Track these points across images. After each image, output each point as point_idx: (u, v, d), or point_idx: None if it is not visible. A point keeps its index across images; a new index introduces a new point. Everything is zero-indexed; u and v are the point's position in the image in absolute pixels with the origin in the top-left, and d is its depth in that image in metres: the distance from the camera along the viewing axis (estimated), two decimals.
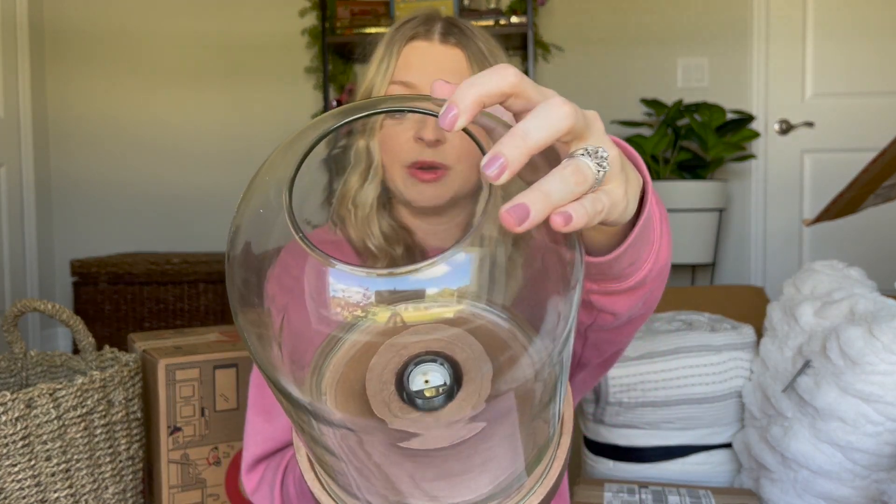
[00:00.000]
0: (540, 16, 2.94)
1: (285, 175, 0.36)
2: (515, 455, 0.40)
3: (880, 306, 1.19)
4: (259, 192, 0.37)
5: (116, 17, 3.10)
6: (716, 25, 2.89)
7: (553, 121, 0.33)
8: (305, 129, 0.39)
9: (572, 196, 0.33)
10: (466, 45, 0.76)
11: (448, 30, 0.77)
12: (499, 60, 0.78)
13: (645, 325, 1.48)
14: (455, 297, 0.33)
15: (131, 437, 1.15)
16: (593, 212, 0.34)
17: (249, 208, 0.37)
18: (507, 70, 0.35)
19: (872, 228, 2.66)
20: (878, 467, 1.10)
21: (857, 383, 1.09)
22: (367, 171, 0.74)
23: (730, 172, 2.89)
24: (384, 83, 0.76)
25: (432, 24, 0.77)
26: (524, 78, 0.35)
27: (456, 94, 0.34)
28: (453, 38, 0.76)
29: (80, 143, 3.11)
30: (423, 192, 0.77)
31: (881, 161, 1.33)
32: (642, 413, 1.35)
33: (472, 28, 0.79)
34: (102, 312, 2.51)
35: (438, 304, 0.33)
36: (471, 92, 0.34)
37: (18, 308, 1.20)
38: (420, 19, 0.78)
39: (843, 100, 2.84)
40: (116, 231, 3.11)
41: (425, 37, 0.76)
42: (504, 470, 0.40)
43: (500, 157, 0.32)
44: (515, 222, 0.31)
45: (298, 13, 3.03)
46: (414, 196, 0.77)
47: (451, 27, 0.77)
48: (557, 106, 0.34)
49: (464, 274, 0.33)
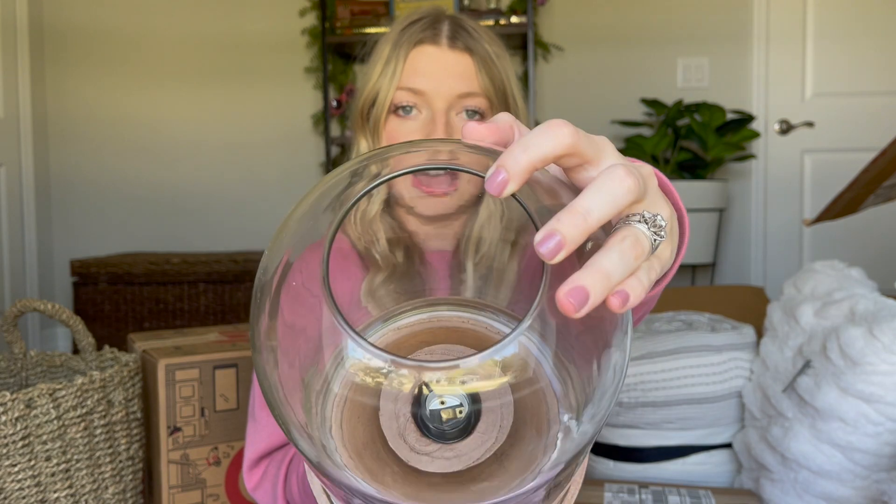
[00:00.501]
0: (540, 15, 2.94)
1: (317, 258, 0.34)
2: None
3: (881, 306, 1.19)
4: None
5: (116, 17, 3.10)
6: (716, 25, 2.89)
7: (618, 197, 0.31)
8: (330, 185, 0.36)
9: (629, 272, 0.31)
10: (474, 48, 0.76)
11: (455, 33, 0.76)
12: (503, 63, 0.78)
13: (645, 326, 1.48)
14: (498, 369, 0.31)
15: (131, 437, 1.15)
16: (648, 284, 0.32)
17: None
18: (561, 129, 0.32)
19: (873, 228, 2.66)
20: (879, 467, 1.10)
21: (857, 383, 1.09)
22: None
23: (730, 172, 2.89)
24: (391, 88, 0.75)
25: (439, 25, 0.76)
26: (579, 135, 0.32)
27: (506, 157, 0.30)
28: (461, 42, 0.76)
29: (79, 143, 3.11)
30: (431, 205, 0.76)
31: (881, 161, 1.33)
32: (642, 413, 1.35)
33: (477, 28, 0.78)
34: (102, 312, 2.50)
35: (477, 376, 0.31)
36: (524, 157, 0.30)
37: (18, 308, 1.20)
38: (426, 21, 0.77)
39: (843, 100, 2.84)
40: (116, 231, 3.11)
41: (433, 41, 0.75)
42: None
43: (556, 234, 0.29)
44: (574, 308, 0.28)
45: (298, 13, 3.03)
46: (421, 209, 0.77)
47: (459, 29, 0.77)
48: (620, 179, 0.31)
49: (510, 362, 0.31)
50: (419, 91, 0.75)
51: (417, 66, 0.75)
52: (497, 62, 0.77)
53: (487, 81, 0.75)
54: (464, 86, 0.75)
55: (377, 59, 0.78)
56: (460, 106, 0.75)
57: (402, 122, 0.75)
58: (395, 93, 0.75)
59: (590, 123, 2.96)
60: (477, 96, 0.75)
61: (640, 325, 1.50)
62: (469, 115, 0.76)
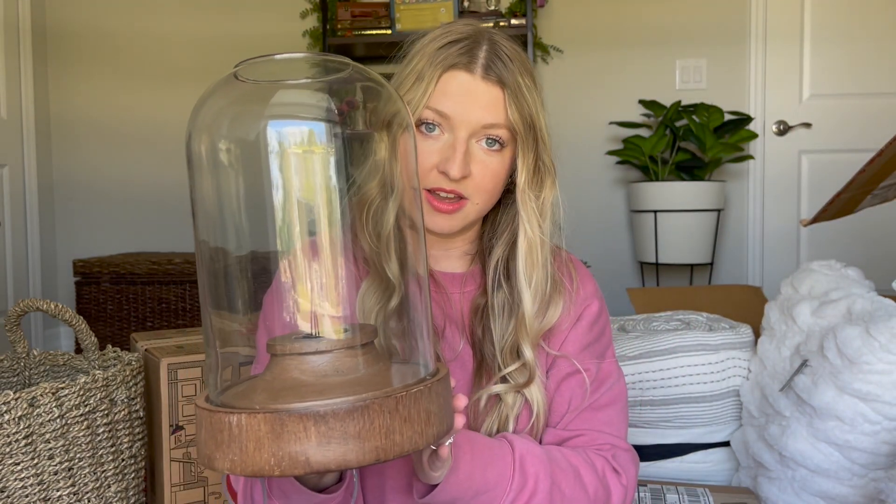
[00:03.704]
0: (539, 17, 2.95)
1: None
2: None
3: (878, 306, 1.19)
4: None
5: (118, 18, 3.11)
6: (714, 27, 2.90)
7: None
8: None
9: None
10: (507, 80, 0.75)
11: (491, 62, 0.76)
12: (534, 95, 0.77)
13: (643, 325, 1.49)
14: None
15: (133, 435, 1.15)
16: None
17: None
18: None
19: (870, 228, 2.67)
20: (876, 466, 1.11)
21: (854, 382, 1.10)
22: (385, 185, 0.73)
23: (728, 173, 2.90)
24: (420, 105, 0.75)
25: (476, 51, 0.76)
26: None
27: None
28: (494, 75, 0.75)
29: (82, 144, 3.11)
30: (438, 222, 0.77)
31: (878, 161, 1.34)
32: (640, 412, 1.36)
33: (513, 57, 0.77)
34: (105, 312, 2.51)
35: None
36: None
37: (21, 308, 1.21)
38: (465, 45, 0.76)
39: (840, 101, 2.85)
40: (118, 231, 3.12)
41: (467, 68, 0.75)
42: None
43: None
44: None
45: (299, 15, 3.04)
46: (428, 225, 0.77)
47: (495, 59, 0.76)
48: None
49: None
50: (445, 115, 0.75)
51: (448, 90, 0.75)
52: (528, 94, 0.77)
53: (516, 114, 0.75)
54: (490, 117, 0.75)
55: (411, 70, 0.77)
56: (483, 134, 0.76)
57: (424, 139, 0.75)
58: (422, 110, 0.75)
59: (588, 125, 2.97)
60: (501, 128, 0.76)
61: (639, 324, 1.50)
62: (489, 144, 0.76)
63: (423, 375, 0.55)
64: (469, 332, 0.81)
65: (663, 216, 2.59)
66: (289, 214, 0.52)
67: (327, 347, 0.51)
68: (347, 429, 0.46)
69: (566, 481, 0.73)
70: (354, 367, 0.51)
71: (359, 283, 0.77)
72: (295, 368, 0.51)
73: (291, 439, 0.46)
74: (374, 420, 0.47)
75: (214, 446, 0.48)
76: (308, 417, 0.46)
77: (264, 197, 0.53)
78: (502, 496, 0.70)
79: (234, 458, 0.47)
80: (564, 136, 2.95)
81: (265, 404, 0.48)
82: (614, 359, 0.86)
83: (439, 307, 0.82)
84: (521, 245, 0.79)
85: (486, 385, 0.78)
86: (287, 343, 0.51)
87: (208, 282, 0.56)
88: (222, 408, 0.49)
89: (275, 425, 0.46)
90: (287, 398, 0.48)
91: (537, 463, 0.72)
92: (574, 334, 0.82)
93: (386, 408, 0.47)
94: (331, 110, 0.54)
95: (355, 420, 0.46)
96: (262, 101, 0.55)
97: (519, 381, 0.78)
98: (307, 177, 0.54)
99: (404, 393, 0.48)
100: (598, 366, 0.83)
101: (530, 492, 0.70)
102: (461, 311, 0.82)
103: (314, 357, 0.51)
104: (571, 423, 0.81)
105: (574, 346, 0.82)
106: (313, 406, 0.46)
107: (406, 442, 0.48)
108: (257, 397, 0.50)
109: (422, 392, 0.50)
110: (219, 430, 0.48)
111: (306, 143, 0.53)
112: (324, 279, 0.54)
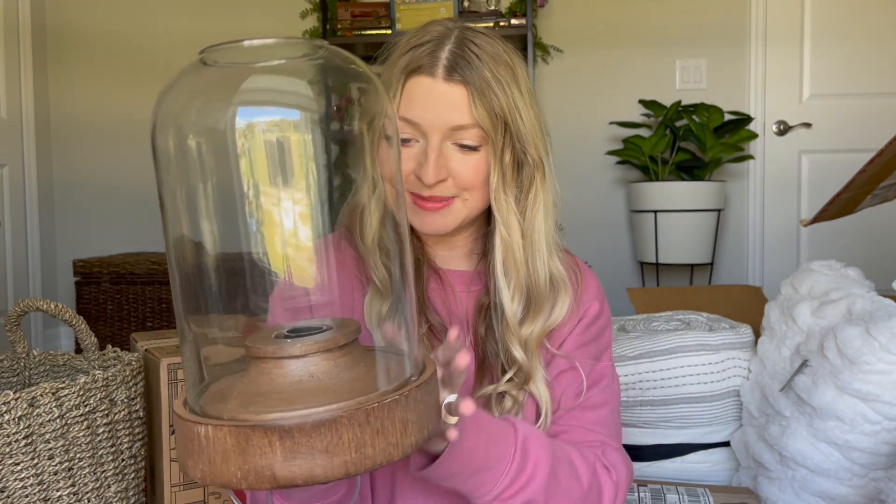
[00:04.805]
0: (539, 17, 2.95)
1: None
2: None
3: (878, 306, 1.19)
4: None
5: (119, 18, 3.11)
6: (714, 27, 2.90)
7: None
8: None
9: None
10: (471, 78, 0.73)
11: (453, 62, 0.74)
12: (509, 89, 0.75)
13: (643, 325, 1.49)
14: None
15: (133, 435, 1.15)
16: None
17: None
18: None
19: (870, 228, 2.67)
20: (876, 466, 1.11)
21: (854, 382, 1.10)
22: (373, 188, 0.73)
23: (728, 173, 2.90)
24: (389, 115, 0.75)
25: (438, 53, 0.74)
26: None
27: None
28: (458, 74, 0.73)
29: (82, 144, 3.11)
30: (427, 222, 0.76)
31: (878, 162, 1.34)
32: (640, 412, 1.36)
33: (481, 53, 0.75)
34: (105, 312, 2.51)
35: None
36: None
37: (21, 308, 1.21)
38: (428, 48, 0.74)
39: (840, 101, 2.85)
40: (118, 231, 3.12)
41: (429, 71, 0.74)
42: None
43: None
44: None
45: (299, 15, 3.04)
46: (417, 225, 0.77)
47: (458, 59, 0.74)
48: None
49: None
50: (414, 122, 0.74)
51: (413, 96, 0.74)
52: (499, 90, 0.74)
53: (483, 112, 0.73)
54: (457, 118, 0.73)
55: (382, 79, 0.76)
56: (454, 137, 0.74)
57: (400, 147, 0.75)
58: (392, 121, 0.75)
59: (588, 125, 2.97)
60: (471, 128, 0.74)
61: (639, 324, 1.50)
62: (462, 150, 0.75)
63: (408, 375, 0.52)
64: (472, 330, 0.81)
65: (663, 216, 2.59)
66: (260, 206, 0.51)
67: (301, 352, 0.49)
68: (314, 443, 0.44)
69: (563, 471, 0.72)
70: (330, 372, 0.49)
71: (346, 276, 0.76)
72: (268, 373, 0.49)
73: (257, 454, 0.44)
74: (342, 434, 0.45)
75: (187, 455, 0.47)
76: (273, 432, 0.44)
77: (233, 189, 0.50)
78: (500, 477, 0.67)
79: (204, 469, 0.46)
80: (564, 136, 2.96)
81: (235, 413, 0.46)
82: (611, 362, 0.86)
83: (445, 305, 0.82)
84: (498, 247, 0.78)
85: (485, 384, 0.79)
86: (263, 345, 0.50)
87: (180, 280, 0.55)
88: (192, 417, 0.47)
89: (240, 439, 0.44)
90: (256, 407, 0.46)
91: (539, 448, 0.70)
92: (572, 334, 0.82)
93: (356, 421, 0.45)
94: (307, 95, 0.52)
95: (322, 434, 0.44)
96: (230, 87, 0.52)
97: (517, 381, 0.77)
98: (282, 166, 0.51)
99: (376, 404, 0.46)
100: (593, 367, 0.82)
101: (528, 475, 0.69)
102: (466, 309, 0.82)
103: (288, 361, 0.49)
104: (562, 418, 0.80)
105: (570, 344, 0.82)
106: (279, 419, 0.44)
107: (379, 455, 0.46)
108: (230, 403, 0.48)
109: (397, 402, 0.47)
110: (189, 440, 0.47)
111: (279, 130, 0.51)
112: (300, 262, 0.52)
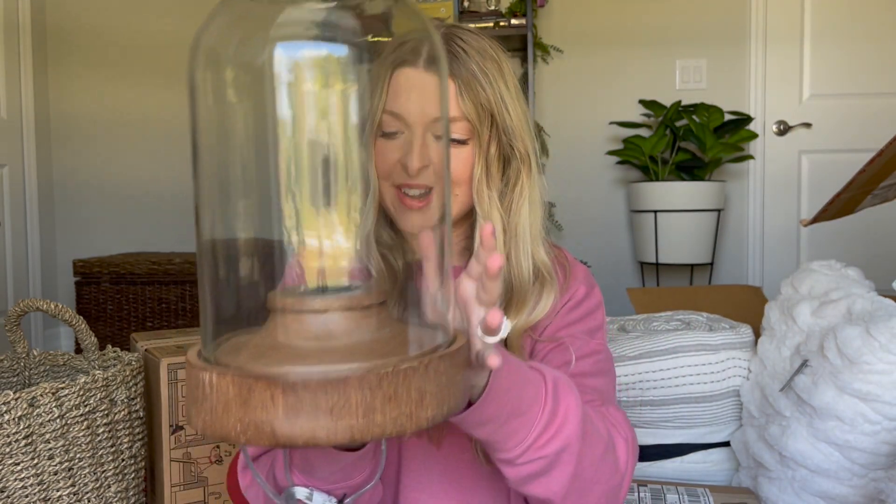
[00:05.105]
0: (539, 17, 2.95)
1: None
2: None
3: (878, 306, 1.19)
4: None
5: (118, 17, 3.10)
6: (714, 27, 2.90)
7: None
8: None
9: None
10: (457, 71, 0.74)
11: (438, 55, 0.74)
12: (496, 82, 0.75)
13: (643, 325, 1.49)
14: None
15: (133, 435, 1.15)
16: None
17: None
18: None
19: (870, 228, 2.67)
20: (876, 466, 1.11)
21: (854, 382, 1.10)
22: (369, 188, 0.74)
23: (728, 173, 2.90)
24: (378, 110, 0.75)
25: (421, 47, 0.74)
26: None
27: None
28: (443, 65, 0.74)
29: (82, 144, 3.11)
30: (411, 220, 0.76)
31: (878, 162, 1.34)
32: (641, 412, 1.36)
33: (466, 48, 0.75)
34: (105, 312, 2.51)
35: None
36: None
37: (21, 308, 1.21)
38: (412, 43, 0.74)
39: (840, 101, 2.85)
40: (118, 231, 3.12)
41: (412, 63, 0.74)
42: None
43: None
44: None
45: None
46: (403, 223, 0.77)
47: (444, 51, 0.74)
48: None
49: None
50: (399, 115, 0.74)
51: (398, 88, 0.74)
52: (485, 83, 0.74)
53: (469, 105, 0.74)
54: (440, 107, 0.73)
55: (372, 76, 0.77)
56: (439, 129, 0.74)
57: (387, 143, 0.75)
58: (381, 116, 0.74)
59: (588, 125, 2.97)
60: (457, 121, 0.74)
61: (639, 324, 1.50)
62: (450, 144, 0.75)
63: (439, 342, 0.49)
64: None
65: (663, 216, 2.59)
66: (297, 154, 0.47)
67: (322, 307, 0.46)
68: (319, 402, 0.41)
69: (588, 423, 0.66)
70: (350, 331, 0.46)
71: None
72: (285, 326, 0.46)
73: (258, 406, 0.42)
74: (350, 396, 0.42)
75: (192, 403, 0.45)
76: (276, 385, 0.42)
77: (268, 135, 0.47)
78: (533, 422, 0.61)
79: (206, 418, 0.44)
80: (564, 136, 2.97)
81: (244, 364, 0.44)
82: (605, 342, 0.84)
83: None
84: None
85: None
86: (285, 297, 0.47)
87: (211, 222, 0.52)
88: (199, 364, 0.45)
89: (242, 389, 0.42)
90: (266, 360, 0.44)
91: (569, 394, 0.65)
92: (557, 315, 0.80)
93: (367, 384, 0.42)
94: (356, 31, 0.49)
95: (328, 394, 0.41)
96: (270, 20, 0.48)
97: None
98: (323, 111, 0.48)
99: (391, 369, 0.43)
100: (584, 343, 0.80)
101: (561, 419, 0.63)
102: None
103: (307, 316, 0.46)
104: None
105: (555, 325, 0.80)
106: (284, 373, 0.42)
107: (389, 424, 0.42)
108: (241, 355, 0.46)
109: (415, 369, 0.43)
110: (195, 387, 0.45)
111: (324, 70, 0.47)
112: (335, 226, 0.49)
